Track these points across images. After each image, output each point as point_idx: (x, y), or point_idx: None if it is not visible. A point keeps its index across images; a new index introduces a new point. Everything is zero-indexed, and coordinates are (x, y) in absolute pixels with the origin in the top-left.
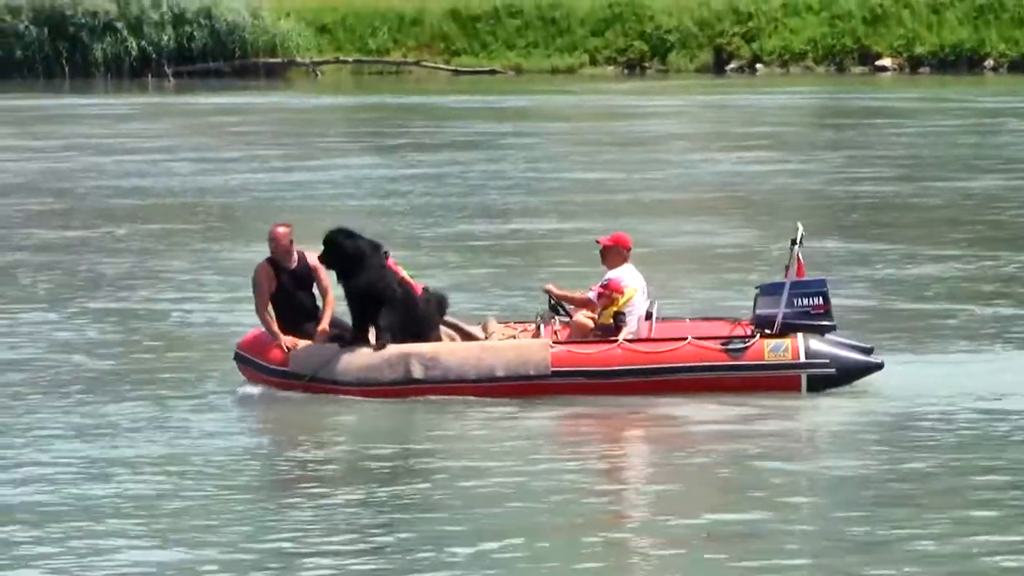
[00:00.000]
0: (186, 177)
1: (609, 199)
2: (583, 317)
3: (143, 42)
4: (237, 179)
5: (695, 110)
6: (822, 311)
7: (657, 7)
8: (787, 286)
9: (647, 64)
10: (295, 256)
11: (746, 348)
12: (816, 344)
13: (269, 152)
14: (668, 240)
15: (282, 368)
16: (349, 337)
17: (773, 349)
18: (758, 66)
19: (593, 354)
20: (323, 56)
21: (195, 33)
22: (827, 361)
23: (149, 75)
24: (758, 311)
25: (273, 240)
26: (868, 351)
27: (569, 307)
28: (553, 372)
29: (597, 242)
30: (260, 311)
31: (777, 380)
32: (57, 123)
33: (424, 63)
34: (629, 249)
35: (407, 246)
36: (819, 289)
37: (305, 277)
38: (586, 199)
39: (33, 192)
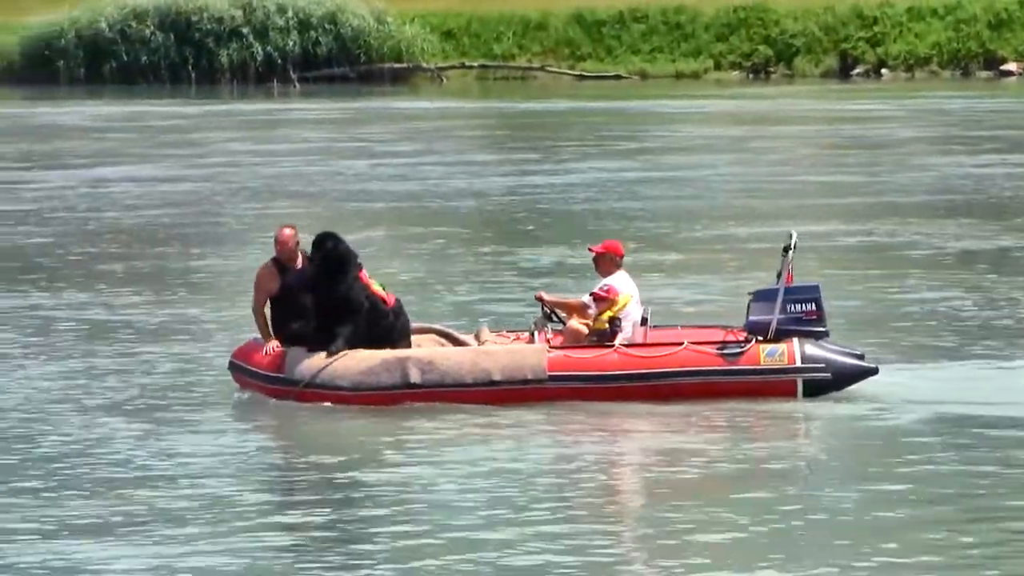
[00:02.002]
0: (442, 180)
1: (862, 201)
2: (577, 323)
3: (269, 48)
4: (493, 183)
5: (911, 114)
6: (815, 317)
7: (782, 11)
8: (781, 292)
9: (772, 69)
10: (300, 259)
11: (742, 353)
12: (812, 349)
13: (504, 156)
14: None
15: (276, 375)
16: (341, 342)
17: (769, 354)
18: (883, 71)
19: (590, 358)
20: (448, 61)
21: (320, 38)
22: (823, 366)
23: (275, 81)
24: (751, 318)
25: (279, 242)
26: (860, 357)
27: (563, 315)
28: (550, 376)
29: (590, 250)
30: (256, 310)
31: (773, 385)
32: (263, 127)
33: (549, 68)
34: (622, 256)
35: (654, 248)
36: (812, 295)
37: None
38: (833, 202)
39: (302, 196)
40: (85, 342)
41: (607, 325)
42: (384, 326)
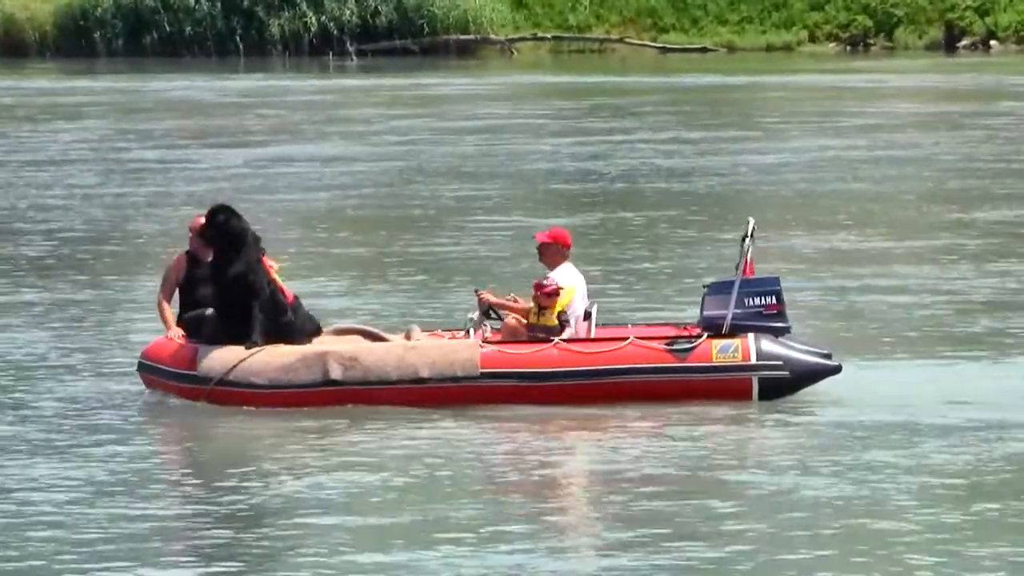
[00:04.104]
0: (653, 160)
1: None
2: (514, 319)
3: (323, 18)
4: (703, 162)
5: None
6: (775, 311)
7: None
8: (736, 284)
9: (871, 41)
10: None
11: (692, 348)
12: (769, 345)
13: (700, 134)
14: None
15: (187, 372)
16: (208, 330)
17: (721, 350)
18: (992, 43)
19: (526, 355)
20: (519, 33)
21: (380, 8)
22: (780, 363)
23: (330, 53)
24: (706, 312)
25: (193, 232)
26: (826, 356)
27: (503, 313)
28: (482, 373)
29: (534, 237)
30: (159, 299)
31: (726, 384)
32: (414, 103)
33: (628, 40)
34: (568, 247)
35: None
36: (772, 288)
37: None
38: None
39: (497, 177)
40: None
41: (557, 321)
42: (283, 322)
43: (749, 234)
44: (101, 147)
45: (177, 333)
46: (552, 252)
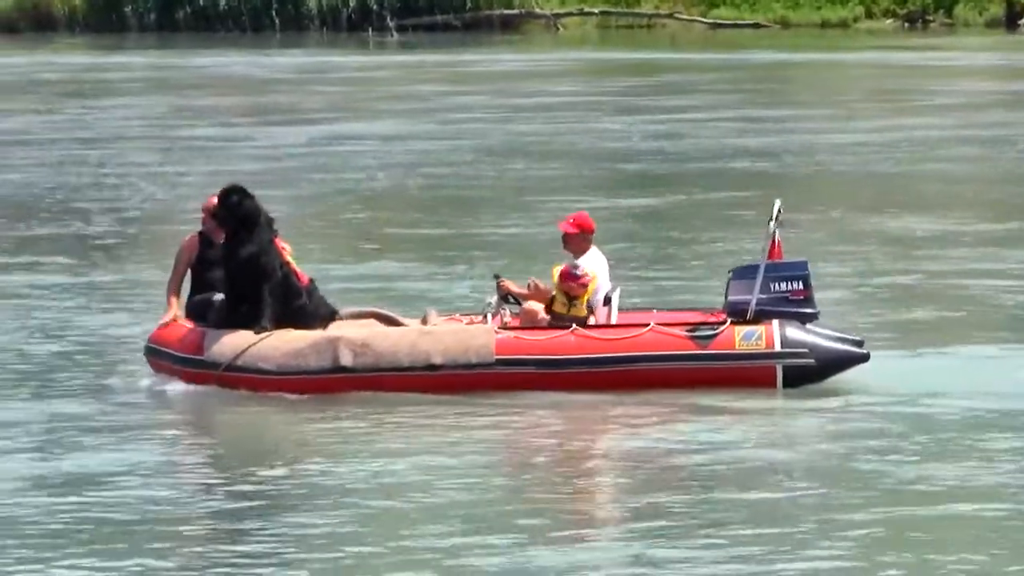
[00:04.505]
0: (727, 139)
1: None
2: (534, 304)
3: None
4: (776, 141)
5: None
6: (802, 297)
7: None
8: (762, 269)
9: (930, 17)
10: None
11: (714, 336)
12: (794, 332)
13: (769, 112)
14: None
15: (194, 357)
16: (215, 315)
17: (745, 337)
18: None
19: (543, 341)
20: (565, 7)
21: None
22: (806, 351)
23: (370, 28)
24: (730, 297)
25: (205, 212)
26: (858, 343)
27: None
28: (497, 360)
29: (558, 227)
30: (169, 282)
31: (749, 372)
32: (473, 80)
33: (678, 15)
34: (592, 232)
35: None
36: (799, 272)
37: None
38: None
39: (567, 156)
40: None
41: (586, 311)
42: (296, 306)
43: (775, 216)
44: (156, 124)
45: (171, 316)
46: (578, 240)
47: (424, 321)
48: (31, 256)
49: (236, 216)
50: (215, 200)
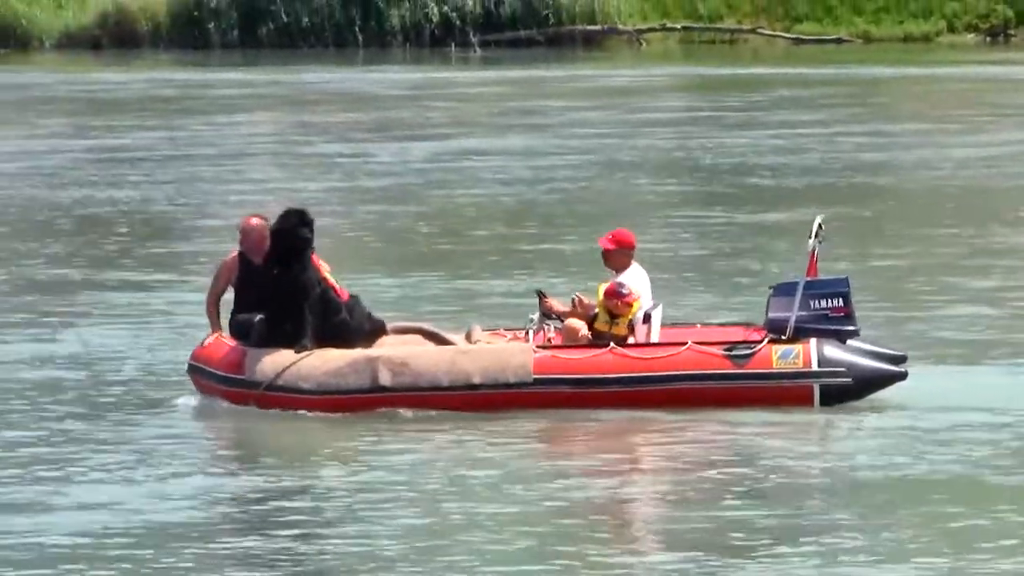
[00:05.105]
0: (858, 153)
1: None
2: (575, 321)
3: (445, 7)
4: (901, 155)
5: None
6: (843, 314)
7: None
8: (800, 286)
9: (1012, 32)
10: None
11: (752, 354)
12: (831, 350)
13: (886, 126)
14: None
15: (235, 376)
16: (257, 334)
17: (782, 356)
18: None
19: (580, 360)
20: (647, 23)
21: None
22: (843, 370)
23: (452, 44)
24: (771, 314)
25: (242, 232)
26: (899, 360)
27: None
28: (535, 379)
29: (598, 243)
30: (208, 302)
31: (786, 391)
32: (588, 96)
33: (761, 30)
34: (633, 248)
35: None
36: (839, 289)
37: None
38: None
39: (695, 171)
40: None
41: (627, 330)
42: (336, 322)
43: (814, 233)
44: (279, 140)
45: (216, 336)
46: (618, 256)
47: (468, 337)
48: (167, 273)
49: (295, 239)
50: (253, 221)
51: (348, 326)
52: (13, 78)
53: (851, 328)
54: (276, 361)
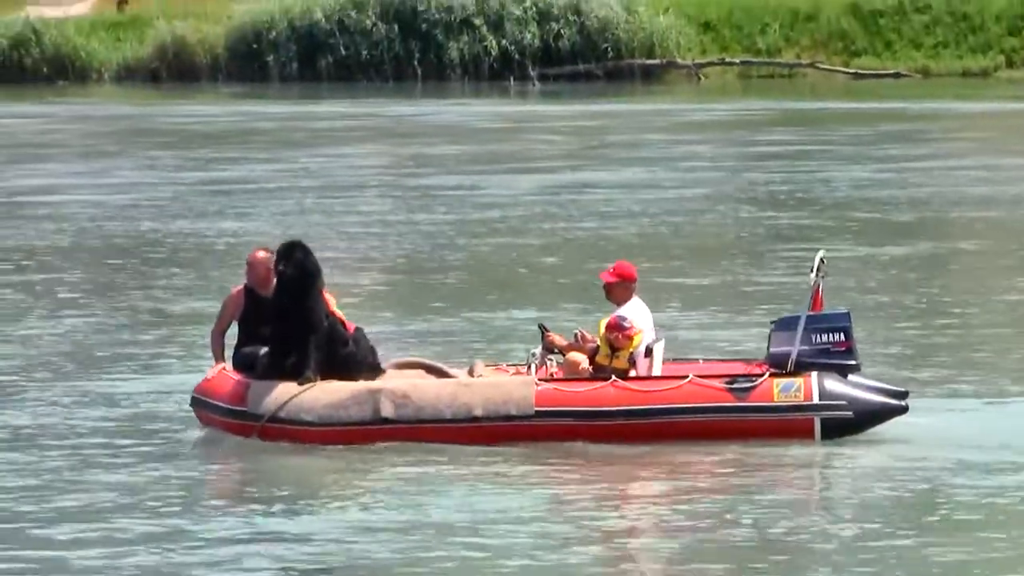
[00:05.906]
0: (970, 187)
1: None
2: (577, 355)
3: (504, 41)
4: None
5: None
6: (843, 349)
7: None
8: (802, 320)
9: None
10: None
11: (752, 388)
12: (832, 384)
13: (991, 160)
14: None
15: (238, 408)
16: (261, 367)
17: (783, 389)
18: None
19: (581, 393)
20: (706, 57)
21: (562, 31)
22: (844, 403)
23: (511, 78)
24: (772, 349)
25: (248, 265)
26: (901, 395)
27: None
28: (537, 412)
29: (599, 276)
30: (213, 334)
31: (788, 424)
32: (676, 130)
33: (819, 64)
34: (635, 281)
35: None
36: (840, 324)
37: None
38: None
39: (807, 204)
40: None
41: (627, 364)
42: (343, 355)
43: (815, 268)
44: (385, 172)
45: (220, 368)
46: (619, 289)
47: (471, 371)
48: None
49: (305, 275)
50: (259, 254)
51: (355, 358)
52: (93, 110)
53: (852, 362)
54: (279, 393)
